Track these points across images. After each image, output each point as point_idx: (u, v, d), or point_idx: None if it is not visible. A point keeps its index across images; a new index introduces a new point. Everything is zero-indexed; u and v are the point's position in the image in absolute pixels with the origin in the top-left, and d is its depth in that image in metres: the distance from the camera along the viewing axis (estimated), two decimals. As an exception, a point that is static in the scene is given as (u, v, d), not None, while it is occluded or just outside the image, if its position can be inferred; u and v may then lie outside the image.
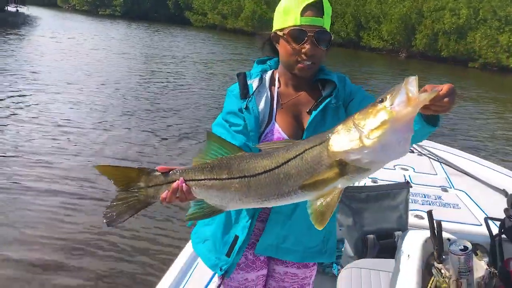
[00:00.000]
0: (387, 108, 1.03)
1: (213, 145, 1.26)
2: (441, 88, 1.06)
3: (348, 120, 1.11)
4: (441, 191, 3.37)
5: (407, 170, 3.76)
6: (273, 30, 1.54)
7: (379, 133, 1.03)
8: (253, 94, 1.51)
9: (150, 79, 12.78)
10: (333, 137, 1.11)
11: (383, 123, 1.03)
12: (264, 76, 1.57)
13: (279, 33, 1.50)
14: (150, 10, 47.90)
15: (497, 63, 30.02)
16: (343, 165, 1.09)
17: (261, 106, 1.51)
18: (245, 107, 1.48)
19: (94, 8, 50.62)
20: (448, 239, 2.06)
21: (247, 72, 1.60)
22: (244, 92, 1.52)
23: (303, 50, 1.44)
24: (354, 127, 1.08)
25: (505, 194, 3.20)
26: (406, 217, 2.73)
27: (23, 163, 5.59)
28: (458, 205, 3.10)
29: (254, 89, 1.52)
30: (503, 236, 2.29)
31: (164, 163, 5.25)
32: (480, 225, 2.71)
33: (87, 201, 4.71)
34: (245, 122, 1.47)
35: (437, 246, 2.04)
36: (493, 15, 31.01)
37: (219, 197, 1.24)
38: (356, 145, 1.06)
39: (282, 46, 1.50)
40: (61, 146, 6.38)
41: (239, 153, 1.25)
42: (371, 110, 1.06)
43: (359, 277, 2.31)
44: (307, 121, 1.49)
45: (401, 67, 26.06)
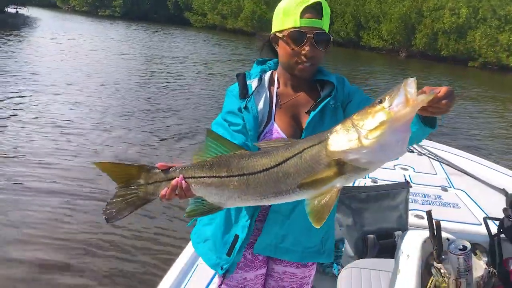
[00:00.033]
0: (386, 109, 1.04)
1: (212, 142, 1.27)
2: (439, 90, 1.07)
3: (347, 120, 1.12)
4: (441, 190, 3.37)
5: (407, 170, 3.77)
6: (272, 32, 1.54)
7: (377, 133, 1.04)
8: (252, 94, 1.52)
9: (150, 80, 12.77)
10: (332, 136, 1.12)
11: (381, 123, 1.04)
12: (263, 77, 1.58)
13: (278, 34, 1.50)
14: (149, 10, 47.84)
15: (497, 62, 30.03)
16: (341, 165, 1.10)
17: (260, 106, 1.52)
18: (244, 107, 1.49)
19: (94, 9, 50.53)
20: (448, 239, 2.07)
21: (247, 72, 1.61)
22: (243, 92, 1.52)
23: (302, 52, 1.45)
24: (352, 127, 1.09)
25: (505, 193, 3.20)
26: (406, 217, 2.73)
27: (24, 163, 5.59)
28: (458, 205, 3.11)
29: (254, 89, 1.53)
30: (502, 235, 2.30)
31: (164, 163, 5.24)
32: (480, 224, 2.71)
33: (88, 201, 4.71)
34: (244, 121, 1.48)
35: (436, 246, 2.04)
36: (492, 14, 31.01)
37: (218, 194, 1.25)
38: (354, 145, 1.07)
39: (282, 48, 1.51)
40: (61, 146, 6.38)
41: (239, 151, 1.26)
42: (370, 111, 1.07)
43: (359, 277, 2.32)
44: (305, 121, 1.50)
45: (401, 66, 26.04)
